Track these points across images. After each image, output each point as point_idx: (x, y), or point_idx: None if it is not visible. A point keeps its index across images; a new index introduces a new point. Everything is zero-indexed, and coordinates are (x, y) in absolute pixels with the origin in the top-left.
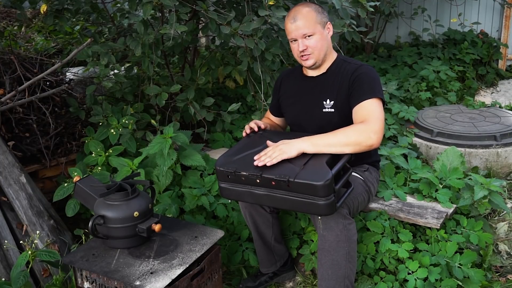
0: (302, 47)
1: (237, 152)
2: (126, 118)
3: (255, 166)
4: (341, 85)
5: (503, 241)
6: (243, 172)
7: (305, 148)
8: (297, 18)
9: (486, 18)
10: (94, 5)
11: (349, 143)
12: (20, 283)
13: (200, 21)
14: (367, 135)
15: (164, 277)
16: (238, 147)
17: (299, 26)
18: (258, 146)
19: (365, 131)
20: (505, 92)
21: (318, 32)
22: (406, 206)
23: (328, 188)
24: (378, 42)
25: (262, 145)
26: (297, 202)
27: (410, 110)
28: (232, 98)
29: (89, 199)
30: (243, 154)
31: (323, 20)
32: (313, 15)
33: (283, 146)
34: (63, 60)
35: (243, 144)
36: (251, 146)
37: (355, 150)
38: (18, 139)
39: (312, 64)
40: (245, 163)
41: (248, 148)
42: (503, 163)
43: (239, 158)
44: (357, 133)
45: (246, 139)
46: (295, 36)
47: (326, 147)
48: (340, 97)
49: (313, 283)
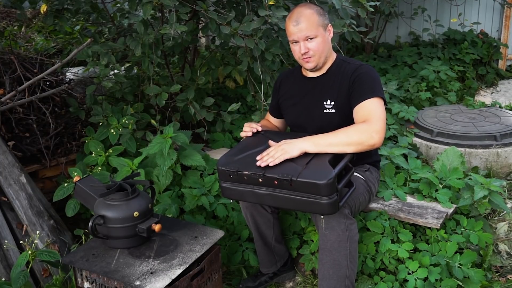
0: (304, 49)
1: (238, 152)
2: (126, 118)
3: (257, 166)
4: (342, 86)
5: (503, 241)
6: (245, 172)
7: (307, 147)
8: (300, 21)
9: (486, 18)
10: (94, 5)
11: (351, 142)
12: (20, 283)
13: (200, 21)
14: (369, 135)
15: (164, 277)
16: (239, 147)
17: (302, 29)
18: (260, 146)
19: (367, 130)
20: (505, 92)
21: (320, 35)
22: (406, 206)
23: (331, 187)
24: (378, 42)
25: (264, 145)
26: (299, 201)
27: (410, 110)
28: (232, 98)
29: (89, 199)
30: (245, 154)
31: (325, 23)
32: (315, 17)
33: (285, 146)
34: (63, 60)
35: (244, 144)
36: (252, 146)
37: (357, 149)
38: (18, 139)
39: (314, 67)
40: (247, 162)
41: (249, 148)
42: (503, 163)
43: (241, 158)
44: (359, 132)
45: (248, 139)
46: (297, 38)
47: (328, 147)
48: (341, 97)
49: (313, 283)
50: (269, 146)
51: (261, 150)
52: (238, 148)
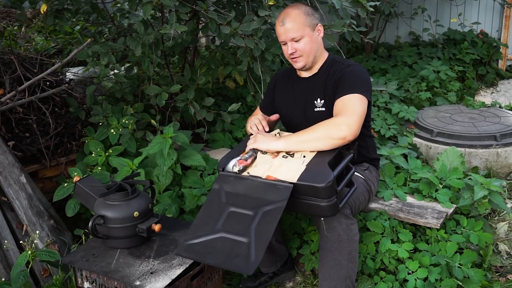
0: (291, 50)
1: (238, 153)
2: (126, 118)
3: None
4: (329, 84)
5: (503, 241)
6: (245, 174)
7: (278, 147)
8: (286, 21)
9: (486, 18)
10: (94, 5)
11: (320, 137)
12: (20, 283)
13: (200, 21)
14: (338, 128)
15: (164, 277)
16: (239, 149)
17: (288, 29)
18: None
19: (335, 124)
20: (505, 92)
21: (307, 35)
22: (406, 206)
23: (330, 190)
24: (378, 42)
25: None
26: (299, 203)
27: (410, 110)
28: (232, 98)
29: (89, 199)
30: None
31: (313, 22)
32: (302, 18)
33: (259, 137)
34: (63, 60)
35: (244, 144)
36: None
37: (328, 144)
38: (18, 139)
39: (302, 66)
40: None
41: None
42: (503, 163)
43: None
44: (327, 126)
45: (247, 140)
46: (284, 39)
47: (299, 144)
48: (329, 95)
49: (313, 283)
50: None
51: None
52: (237, 149)
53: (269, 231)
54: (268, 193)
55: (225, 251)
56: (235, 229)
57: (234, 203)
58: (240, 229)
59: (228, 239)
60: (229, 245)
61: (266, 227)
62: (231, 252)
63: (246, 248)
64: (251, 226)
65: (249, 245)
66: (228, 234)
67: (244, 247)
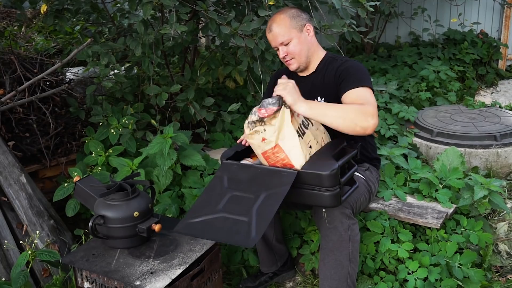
0: (283, 53)
1: (242, 147)
2: (126, 118)
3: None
4: (329, 81)
5: (503, 241)
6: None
7: (301, 110)
8: (272, 27)
9: (486, 18)
10: (94, 5)
11: (346, 117)
12: (20, 283)
13: (200, 21)
14: (366, 117)
15: (164, 277)
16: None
17: (275, 35)
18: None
19: (365, 113)
20: (505, 92)
21: (295, 37)
22: (406, 206)
23: (334, 178)
24: (378, 42)
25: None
26: (302, 193)
27: (410, 110)
28: (232, 98)
29: (89, 199)
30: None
31: (299, 24)
32: (287, 21)
33: (291, 87)
34: (63, 60)
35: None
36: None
37: (349, 128)
38: (18, 139)
39: (297, 68)
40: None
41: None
42: (503, 163)
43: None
44: (357, 112)
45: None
46: (274, 45)
47: (322, 116)
48: (330, 92)
49: (313, 283)
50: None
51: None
52: (241, 145)
53: (271, 213)
54: (271, 179)
55: (225, 228)
56: (236, 210)
57: (237, 188)
58: (241, 210)
59: (228, 218)
60: (230, 224)
61: (268, 209)
62: (231, 229)
63: (246, 226)
64: (252, 208)
65: (249, 224)
66: (229, 214)
67: (245, 225)
